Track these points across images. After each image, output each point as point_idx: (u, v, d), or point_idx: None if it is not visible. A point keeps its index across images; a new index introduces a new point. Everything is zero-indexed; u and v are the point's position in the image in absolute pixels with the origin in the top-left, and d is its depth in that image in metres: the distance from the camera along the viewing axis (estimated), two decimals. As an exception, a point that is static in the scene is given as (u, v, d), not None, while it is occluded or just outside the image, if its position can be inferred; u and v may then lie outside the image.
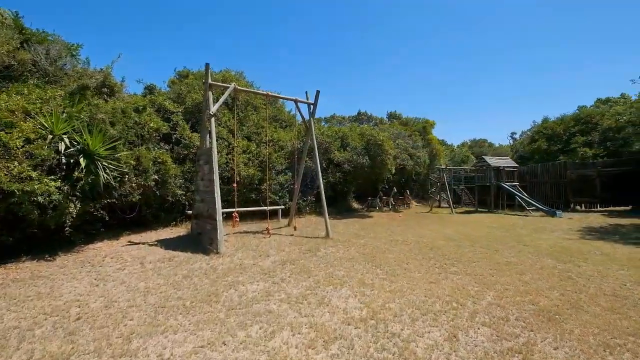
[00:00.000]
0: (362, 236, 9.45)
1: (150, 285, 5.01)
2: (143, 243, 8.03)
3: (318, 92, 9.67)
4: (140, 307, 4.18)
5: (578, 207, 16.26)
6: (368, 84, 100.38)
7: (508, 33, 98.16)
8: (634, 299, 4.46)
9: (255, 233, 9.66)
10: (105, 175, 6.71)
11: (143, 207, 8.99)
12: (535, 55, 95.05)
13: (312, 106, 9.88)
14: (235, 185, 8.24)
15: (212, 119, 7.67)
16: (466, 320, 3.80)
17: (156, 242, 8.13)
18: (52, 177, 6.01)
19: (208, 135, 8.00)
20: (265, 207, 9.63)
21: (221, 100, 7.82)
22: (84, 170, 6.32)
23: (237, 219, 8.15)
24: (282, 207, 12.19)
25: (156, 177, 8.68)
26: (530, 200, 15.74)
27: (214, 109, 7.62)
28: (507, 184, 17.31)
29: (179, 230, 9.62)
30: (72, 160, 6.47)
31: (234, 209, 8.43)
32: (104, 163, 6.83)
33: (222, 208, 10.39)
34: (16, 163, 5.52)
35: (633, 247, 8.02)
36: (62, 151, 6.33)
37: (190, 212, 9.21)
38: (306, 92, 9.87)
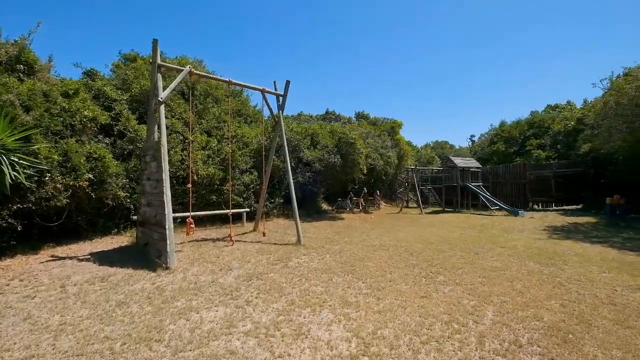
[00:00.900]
0: (337, 241, 8.68)
1: (68, 320, 3.74)
2: (71, 257, 6.49)
3: (288, 82, 8.73)
4: (43, 357, 2.96)
5: (536, 206, 17.11)
6: (334, 84, 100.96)
7: (464, 40, 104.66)
8: (633, 307, 4.17)
9: (215, 241, 8.46)
10: (12, 173, 5.17)
11: (74, 213, 7.37)
12: (493, 60, 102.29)
13: (281, 98, 8.91)
14: (190, 185, 6.99)
15: (162, 107, 6.39)
16: (476, 348, 3.14)
17: (89, 256, 6.63)
18: None
19: (157, 127, 6.69)
20: (227, 211, 8.48)
21: (173, 84, 6.56)
22: (-22, 167, 4.77)
23: (193, 225, 6.93)
24: (247, 210, 11.04)
25: (90, 176, 7.13)
26: (494, 200, 16.19)
27: (164, 94, 6.35)
28: (473, 184, 17.73)
29: (122, 240, 8.09)
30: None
31: (188, 214, 7.18)
32: (12, 158, 5.28)
33: (176, 212, 9.06)
34: None
35: (599, 246, 8.17)
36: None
37: (135, 217, 7.75)
38: (274, 82, 8.88)
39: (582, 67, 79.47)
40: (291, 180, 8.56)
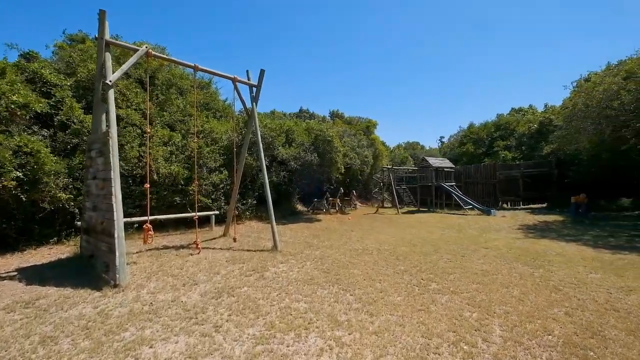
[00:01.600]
0: (316, 246, 8.02)
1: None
2: (-10, 275, 5.23)
3: (262, 71, 7.93)
4: None
5: (505, 205, 17.68)
6: (307, 82, 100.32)
7: (430, 44, 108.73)
8: (636, 313, 3.95)
9: (179, 248, 7.45)
10: None
11: (-2, 219, 6.04)
12: (462, 63, 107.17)
13: (255, 89, 8.08)
14: (147, 186, 5.97)
15: (111, 93, 5.34)
16: (496, 378, 2.63)
17: (15, 273, 5.40)
18: None
19: (104, 116, 5.61)
20: (193, 214, 7.51)
21: (127, 65, 5.53)
22: None
23: (151, 232, 5.92)
24: (217, 212, 10.04)
25: (19, 174, 5.86)
26: (467, 200, 16.45)
27: (113, 76, 5.31)
28: (447, 184, 17.94)
29: (62, 251, 6.82)
30: None
31: (146, 218, 6.15)
32: None
33: (132, 216, 7.89)
34: None
35: (574, 245, 8.28)
36: None
37: (79, 223, 6.54)
38: (247, 72, 8.03)
39: (544, 73, 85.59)
40: (266, 180, 7.77)
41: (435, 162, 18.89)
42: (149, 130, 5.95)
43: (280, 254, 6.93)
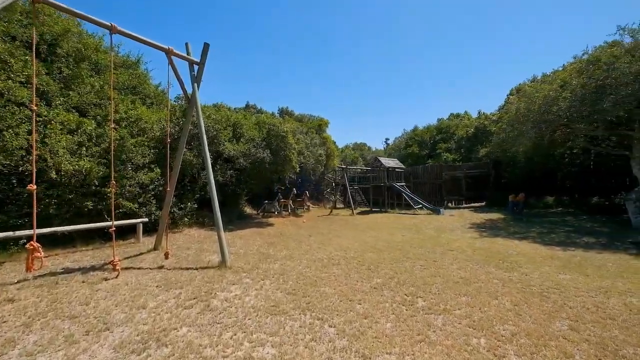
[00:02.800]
0: (273, 257, 6.82)
1: None
2: None
3: (207, 45, 6.45)
4: None
5: (449, 204, 18.55)
6: (253, 77, 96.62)
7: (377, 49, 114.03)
8: (633, 320, 3.71)
9: (88, 272, 5.57)
10: None
11: None
12: (405, 66, 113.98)
13: (197, 67, 6.56)
14: (32, 187, 4.13)
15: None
16: None
17: None
18: None
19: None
20: (107, 223, 5.68)
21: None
22: None
23: (38, 253, 4.12)
24: (145, 220, 8.12)
25: None
26: (417, 199, 16.78)
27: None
28: (398, 184, 18.13)
29: None
30: None
31: (31, 231, 4.28)
32: None
33: (19, 229, 5.66)
34: None
35: (526, 242, 8.53)
36: None
37: None
38: (187, 45, 6.47)
39: (478, 80, 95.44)
40: (212, 179, 6.31)
41: (387, 162, 19.02)
42: (34, 107, 4.11)
43: (230, 272, 5.58)
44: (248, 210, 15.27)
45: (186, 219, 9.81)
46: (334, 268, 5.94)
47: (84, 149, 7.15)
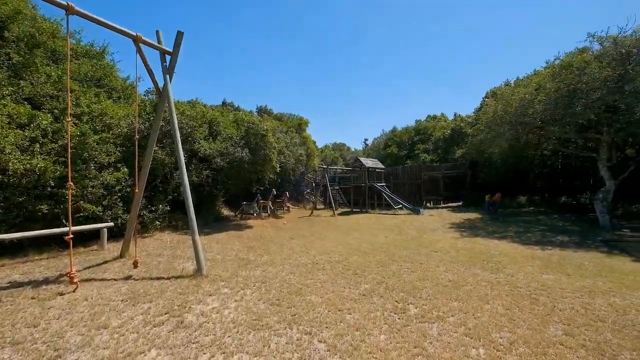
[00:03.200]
0: (254, 262, 6.41)
1: None
2: None
3: (181, 34, 5.92)
4: None
5: (428, 204, 18.83)
6: (231, 73, 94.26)
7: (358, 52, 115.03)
8: (621, 322, 3.71)
9: (39, 285, 4.90)
10: None
11: None
12: (382, 69, 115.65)
13: (169, 57, 6.01)
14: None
15: None
16: None
17: None
18: None
19: None
20: (64, 229, 5.02)
21: None
22: None
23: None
24: (110, 224, 7.41)
25: None
26: (397, 200, 16.86)
27: None
28: (378, 184, 18.14)
29: None
30: None
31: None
32: None
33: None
34: None
35: (505, 242, 8.69)
36: None
37: None
38: (157, 32, 5.91)
39: (455, 84, 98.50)
40: (186, 180, 5.79)
41: (368, 162, 19.00)
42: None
43: (207, 281, 5.11)
44: (225, 212, 14.63)
45: (157, 222, 9.11)
46: (319, 273, 5.64)
47: (38, 145, 6.36)
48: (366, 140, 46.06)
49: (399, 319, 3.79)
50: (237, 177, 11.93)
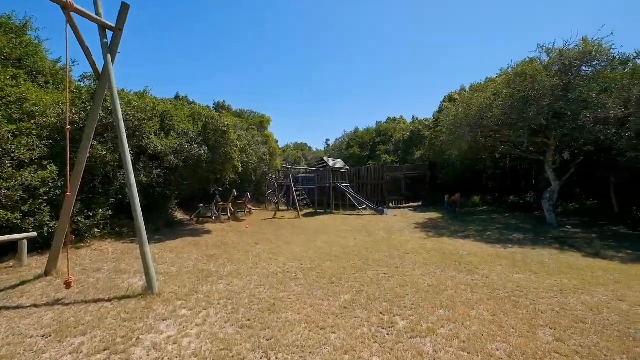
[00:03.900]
0: (216, 274, 5.64)
1: None
2: None
3: (126, 6, 4.96)
4: None
5: (390, 204, 19.17)
6: (185, 66, 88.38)
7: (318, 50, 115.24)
8: (597, 321, 3.77)
9: None
10: None
11: None
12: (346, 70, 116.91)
13: (112, 34, 5.01)
14: None
15: None
16: None
17: None
18: None
19: None
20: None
21: None
22: None
23: None
24: (33, 234, 6.07)
25: None
26: (362, 200, 16.86)
27: None
28: (342, 185, 18.01)
29: None
30: None
31: None
32: None
33: None
34: None
35: (470, 242, 8.94)
36: None
37: None
38: (95, 1, 4.89)
39: (411, 88, 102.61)
40: (132, 180, 4.86)
41: (332, 163, 18.77)
42: None
43: (159, 301, 4.28)
44: (179, 215, 13.29)
45: (97, 229, 7.78)
46: (292, 284, 5.09)
47: None
48: (328, 140, 46.27)
49: (388, 334, 3.42)
50: (194, 177, 10.82)
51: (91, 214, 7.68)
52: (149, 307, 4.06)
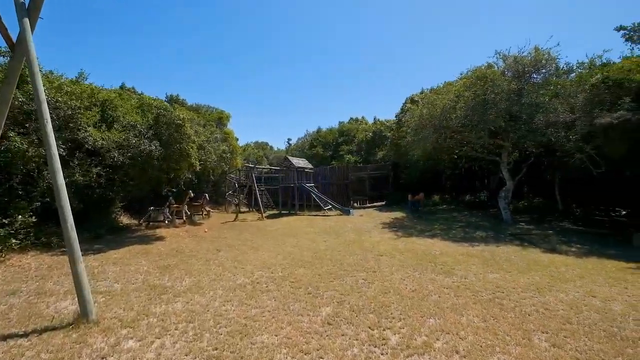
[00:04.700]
0: (171, 290, 4.79)
1: None
2: None
3: (52, -40, 3.89)
4: None
5: (355, 204, 19.14)
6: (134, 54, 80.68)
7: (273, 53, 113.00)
8: (579, 320, 3.77)
9: None
10: None
11: None
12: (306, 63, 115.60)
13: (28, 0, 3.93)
14: None
15: None
16: None
17: None
18: None
19: None
20: None
21: None
22: None
23: None
24: None
25: None
26: (327, 200, 16.55)
27: None
28: (307, 185, 17.53)
29: None
30: None
31: None
32: None
33: None
34: None
35: (438, 240, 9.06)
36: None
37: None
38: (9, -51, 3.79)
39: (374, 89, 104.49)
40: (61, 179, 3.85)
41: (297, 162, 18.20)
42: None
43: (97, 331, 3.40)
44: (126, 220, 11.74)
45: (15, 240, 6.33)
46: (264, 298, 4.48)
47: None
48: (289, 139, 45.44)
49: (382, 354, 3.01)
50: (143, 176, 9.51)
51: (7, 221, 6.24)
52: (82, 340, 3.18)
